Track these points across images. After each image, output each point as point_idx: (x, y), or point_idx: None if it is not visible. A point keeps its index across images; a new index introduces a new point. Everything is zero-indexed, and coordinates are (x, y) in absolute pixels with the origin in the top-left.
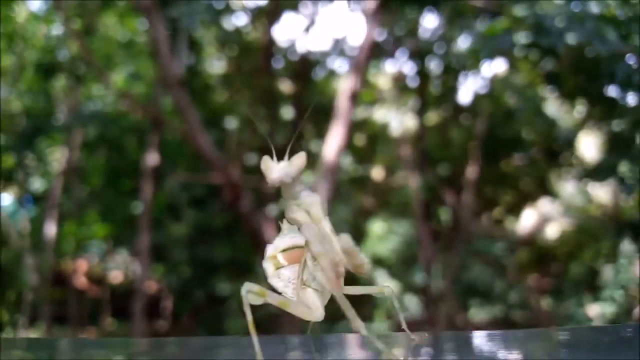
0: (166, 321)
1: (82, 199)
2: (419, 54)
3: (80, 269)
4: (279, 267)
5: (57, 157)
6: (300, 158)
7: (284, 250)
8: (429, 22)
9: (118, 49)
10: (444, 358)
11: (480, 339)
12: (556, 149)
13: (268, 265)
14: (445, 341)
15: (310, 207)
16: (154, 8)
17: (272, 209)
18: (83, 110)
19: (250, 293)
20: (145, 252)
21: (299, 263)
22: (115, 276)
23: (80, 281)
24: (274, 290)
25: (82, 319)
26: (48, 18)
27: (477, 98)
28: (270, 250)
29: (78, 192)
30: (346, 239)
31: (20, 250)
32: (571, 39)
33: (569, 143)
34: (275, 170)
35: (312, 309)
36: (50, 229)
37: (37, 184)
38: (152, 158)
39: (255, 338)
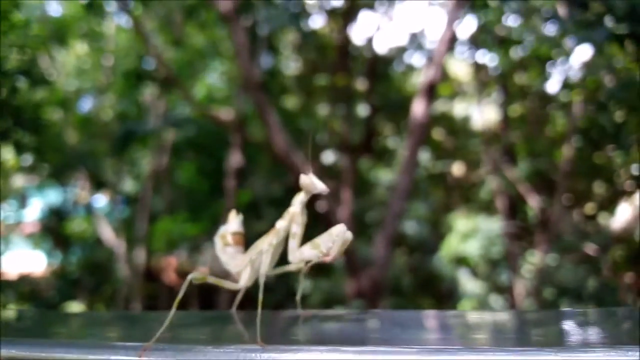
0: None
1: (172, 199)
2: (502, 44)
3: (170, 265)
4: (226, 244)
5: (148, 160)
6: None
7: (232, 233)
8: (513, 9)
9: (201, 57)
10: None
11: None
12: None
13: (218, 241)
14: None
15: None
16: (234, 14)
17: (346, 209)
18: (171, 116)
19: (195, 277)
20: None
21: (240, 245)
22: (203, 272)
23: (170, 277)
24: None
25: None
26: (134, 31)
27: (567, 86)
28: (221, 230)
29: (167, 192)
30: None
31: (114, 248)
32: None
33: None
34: (319, 183)
35: (240, 282)
36: (142, 228)
37: (129, 186)
38: (235, 159)
39: (173, 311)
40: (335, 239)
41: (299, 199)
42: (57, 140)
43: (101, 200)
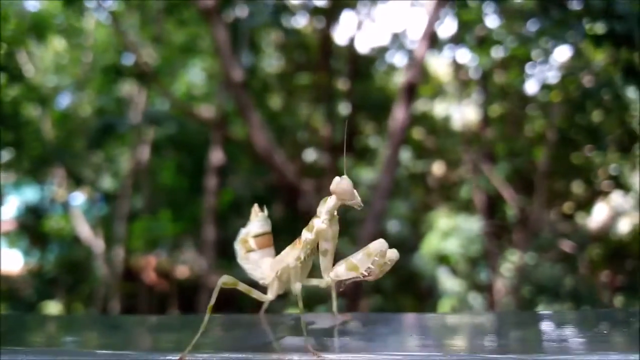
0: (230, 314)
1: (151, 198)
2: (483, 44)
3: (149, 265)
4: (249, 250)
5: (127, 157)
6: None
7: (256, 236)
8: (492, 10)
9: (181, 53)
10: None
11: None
12: (630, 140)
13: (239, 248)
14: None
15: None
16: (215, 11)
17: None
18: (151, 112)
19: (225, 282)
20: (210, 247)
21: (267, 247)
22: (182, 271)
23: (149, 276)
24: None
25: (150, 312)
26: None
27: (546, 87)
28: (242, 234)
29: (147, 190)
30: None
31: (92, 247)
32: None
33: None
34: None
35: (268, 294)
36: (121, 227)
37: (108, 184)
38: (217, 157)
39: (207, 317)
40: (375, 259)
41: (327, 208)
42: (35, 137)
43: (79, 197)
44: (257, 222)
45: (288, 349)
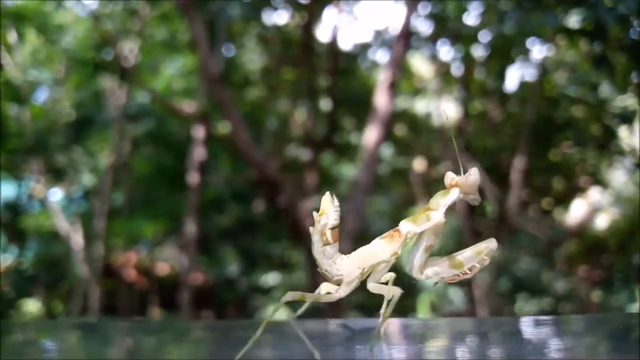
0: (212, 311)
1: (131, 194)
2: (463, 40)
3: (129, 262)
4: (326, 243)
5: (106, 153)
6: None
7: (332, 228)
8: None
9: (162, 48)
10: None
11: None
12: (607, 137)
13: (317, 240)
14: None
15: None
16: (192, 5)
17: (309, 203)
18: (131, 107)
19: (292, 298)
20: (191, 244)
21: (337, 241)
22: (163, 268)
23: (130, 273)
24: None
25: (131, 309)
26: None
27: (524, 84)
28: (321, 224)
29: (127, 187)
30: None
31: (71, 243)
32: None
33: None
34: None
35: (340, 292)
36: (100, 223)
37: (87, 180)
38: (198, 153)
39: (261, 330)
40: (483, 258)
41: (448, 200)
42: (13, 131)
43: (58, 194)
44: (334, 212)
45: None
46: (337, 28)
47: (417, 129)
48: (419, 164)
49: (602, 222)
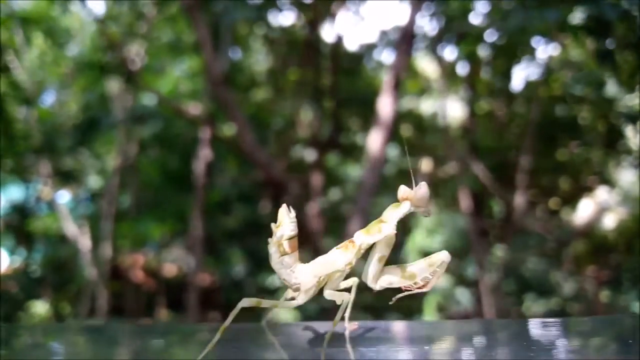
0: (219, 312)
1: (139, 195)
2: (469, 41)
3: (136, 263)
4: (284, 253)
5: (113, 155)
6: None
7: (289, 238)
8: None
9: (168, 50)
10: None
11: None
12: (614, 136)
13: (274, 251)
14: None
15: None
16: (197, 7)
17: (315, 205)
18: (137, 109)
19: (249, 304)
20: (198, 245)
21: (295, 251)
22: (170, 269)
23: (137, 275)
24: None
25: (138, 311)
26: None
27: (531, 84)
28: (277, 235)
29: (134, 189)
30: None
31: (79, 245)
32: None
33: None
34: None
35: (298, 300)
36: (108, 225)
37: (94, 182)
38: (204, 154)
39: (218, 337)
40: (436, 270)
41: (399, 213)
42: (21, 134)
43: (65, 196)
44: (290, 223)
45: None
46: (342, 29)
47: (423, 129)
48: (425, 164)
49: (609, 221)
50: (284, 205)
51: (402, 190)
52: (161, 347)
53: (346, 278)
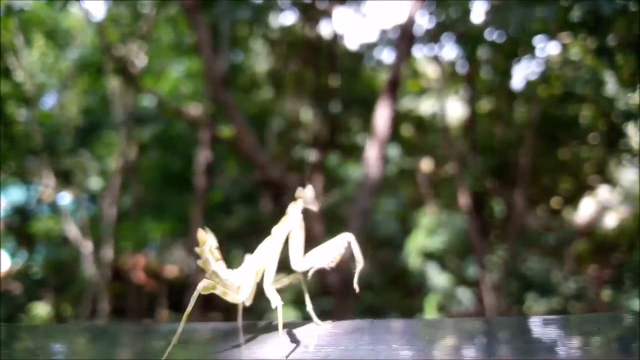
0: (220, 313)
1: (140, 197)
2: (469, 40)
3: (138, 264)
4: (218, 259)
5: (114, 156)
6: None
7: (217, 248)
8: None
9: (169, 51)
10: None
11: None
12: (615, 135)
13: (210, 258)
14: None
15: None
16: (197, 8)
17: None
18: (137, 110)
19: (205, 287)
20: None
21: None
22: (171, 270)
23: (138, 276)
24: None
25: (140, 312)
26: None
27: (531, 83)
28: (206, 249)
29: (135, 189)
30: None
31: (80, 247)
32: None
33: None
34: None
35: (241, 295)
36: (109, 227)
37: (95, 183)
38: (204, 155)
39: (182, 324)
40: (341, 248)
41: (297, 209)
42: (21, 136)
43: (66, 197)
44: (213, 237)
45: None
46: (342, 28)
47: (424, 129)
48: (426, 164)
49: (611, 220)
50: (199, 229)
51: (297, 191)
52: (161, 347)
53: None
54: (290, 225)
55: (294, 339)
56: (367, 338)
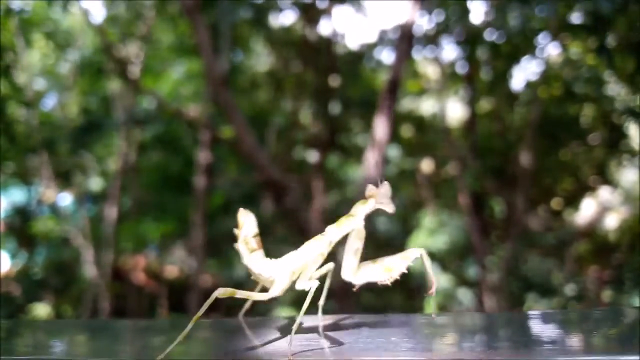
0: (220, 313)
1: (140, 197)
2: (469, 40)
3: (138, 265)
4: (253, 250)
5: (115, 157)
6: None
7: (254, 236)
8: (478, 7)
9: (169, 52)
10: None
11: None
12: (616, 135)
13: (244, 249)
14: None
15: None
16: (197, 9)
17: (316, 205)
18: (137, 111)
19: (222, 294)
20: (200, 247)
21: (261, 248)
22: (172, 271)
23: (139, 276)
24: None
25: (140, 312)
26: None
27: (531, 84)
28: (242, 236)
29: (136, 190)
30: None
31: (81, 248)
32: None
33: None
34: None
35: (271, 292)
36: (110, 227)
37: (95, 184)
38: (205, 156)
39: (190, 326)
40: (409, 264)
41: (363, 210)
42: (21, 136)
43: (67, 198)
44: (252, 222)
45: (271, 354)
46: (342, 28)
47: (424, 130)
48: (426, 165)
49: (611, 221)
50: (241, 209)
51: (369, 189)
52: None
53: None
54: (350, 227)
55: (300, 334)
56: (367, 332)
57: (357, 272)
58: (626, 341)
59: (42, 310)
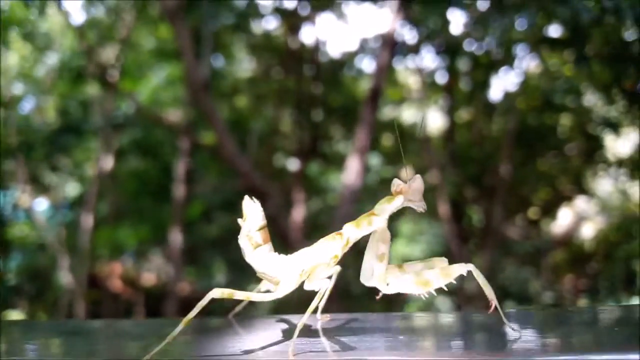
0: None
1: (117, 203)
2: (448, 51)
3: (115, 272)
4: (257, 246)
5: (92, 163)
6: None
7: (260, 229)
8: (458, 18)
9: (149, 57)
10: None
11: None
12: (592, 146)
13: (246, 245)
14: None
15: None
16: (179, 13)
17: (297, 212)
18: (116, 116)
19: (220, 295)
20: (177, 254)
21: (268, 242)
22: (149, 278)
23: (115, 284)
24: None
25: (116, 320)
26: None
27: (509, 94)
28: (245, 229)
29: (113, 196)
30: None
31: (56, 254)
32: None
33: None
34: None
35: (276, 293)
36: (86, 234)
37: (72, 190)
38: (184, 162)
39: (180, 328)
40: (452, 281)
41: (392, 207)
42: None
43: (43, 204)
44: (258, 214)
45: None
46: (324, 36)
47: (403, 138)
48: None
49: (588, 231)
50: (246, 197)
51: (397, 183)
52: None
53: None
54: (372, 228)
55: (293, 332)
56: (365, 330)
57: (387, 280)
58: (626, 340)
59: (15, 317)
